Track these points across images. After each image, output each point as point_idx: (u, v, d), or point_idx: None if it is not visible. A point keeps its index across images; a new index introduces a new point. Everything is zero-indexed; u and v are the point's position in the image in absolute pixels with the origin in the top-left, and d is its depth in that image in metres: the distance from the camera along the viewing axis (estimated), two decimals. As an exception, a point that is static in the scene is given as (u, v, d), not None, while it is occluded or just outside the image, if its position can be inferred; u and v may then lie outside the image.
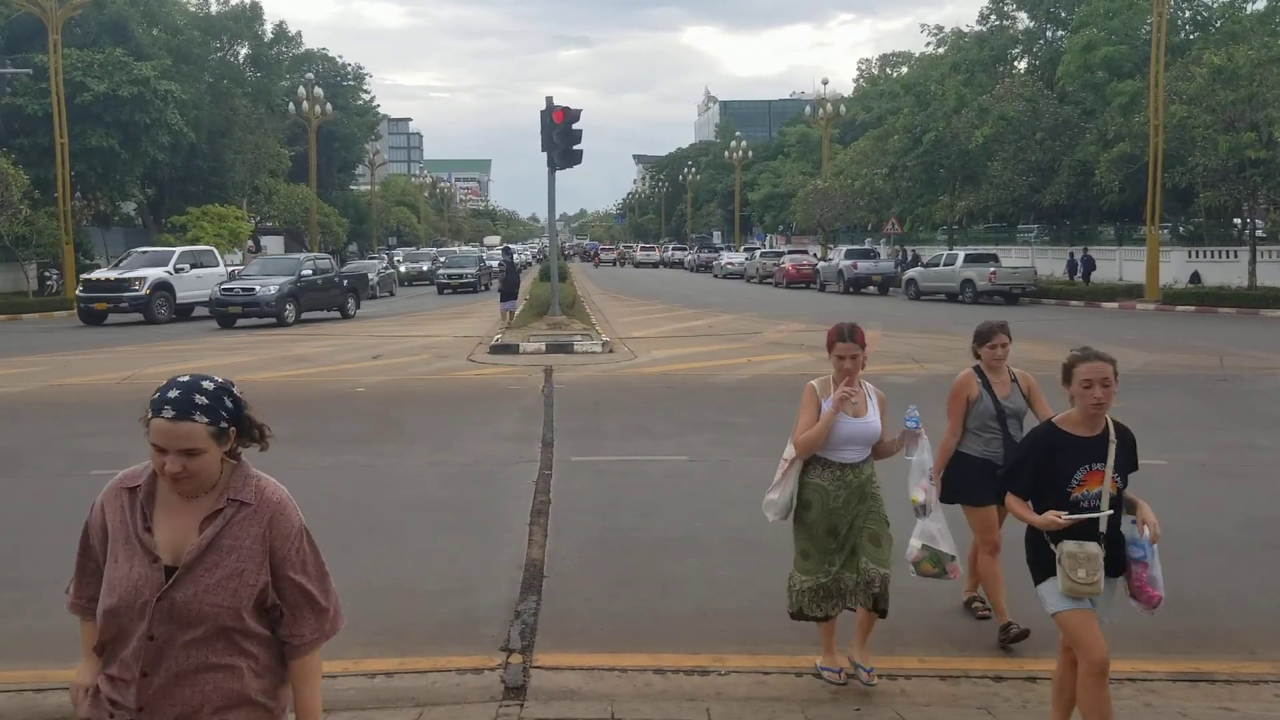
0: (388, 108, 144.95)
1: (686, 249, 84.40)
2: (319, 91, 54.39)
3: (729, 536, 7.28)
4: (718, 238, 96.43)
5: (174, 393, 2.53)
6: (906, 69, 59.89)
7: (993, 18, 48.37)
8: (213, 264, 30.29)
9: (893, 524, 4.96)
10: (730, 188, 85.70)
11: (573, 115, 22.99)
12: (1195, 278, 33.57)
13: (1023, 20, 48.47)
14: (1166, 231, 36.57)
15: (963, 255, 35.51)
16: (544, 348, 18.95)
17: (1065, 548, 3.89)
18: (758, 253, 56.57)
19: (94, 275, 28.97)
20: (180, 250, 31.16)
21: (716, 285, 49.92)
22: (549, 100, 22.99)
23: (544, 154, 23.11)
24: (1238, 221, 36.14)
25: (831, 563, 4.83)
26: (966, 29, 50.46)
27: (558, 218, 27.55)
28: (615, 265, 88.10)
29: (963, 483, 5.45)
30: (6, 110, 36.84)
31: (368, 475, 9.28)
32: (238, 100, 47.81)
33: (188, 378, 2.57)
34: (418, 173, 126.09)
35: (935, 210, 48.96)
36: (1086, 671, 3.99)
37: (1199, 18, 41.49)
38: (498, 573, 6.47)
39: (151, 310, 27.66)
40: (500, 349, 19.10)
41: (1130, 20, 38.94)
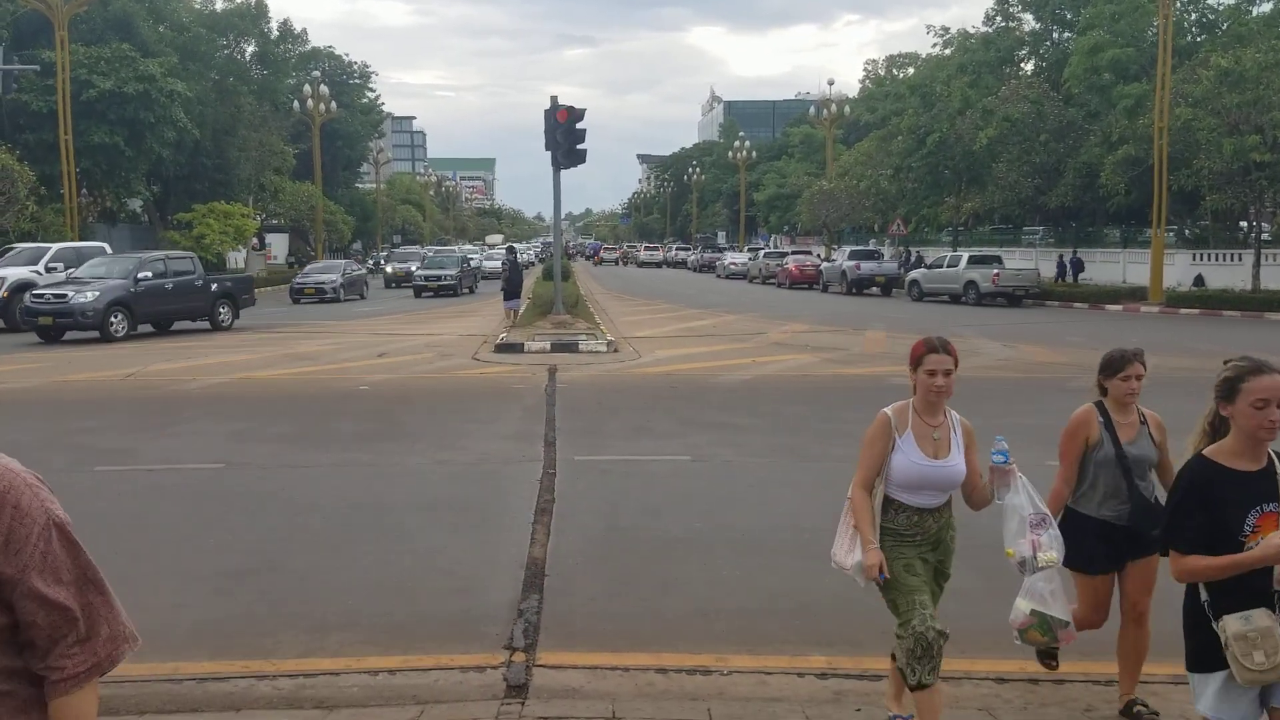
0: (393, 106, 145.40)
1: (690, 249, 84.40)
2: (324, 89, 54.53)
3: (731, 537, 7.29)
4: (723, 238, 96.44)
5: None
6: (912, 70, 59.79)
7: (998, 19, 48.27)
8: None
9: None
10: (735, 188, 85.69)
11: (577, 114, 23.01)
12: (1199, 281, 33.54)
13: (1028, 22, 48.39)
14: (1171, 234, 36.54)
15: (966, 257, 35.48)
16: (548, 347, 18.97)
17: (1230, 627, 3.09)
18: (761, 253, 56.54)
19: None
20: (57, 247, 26.54)
21: (720, 285, 49.92)
22: (553, 99, 23.01)
23: (548, 153, 23.14)
24: (1243, 225, 36.10)
25: (923, 603, 4.06)
26: (972, 30, 50.36)
27: (563, 217, 27.56)
28: (617, 265, 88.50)
29: (1072, 545, 4.42)
30: (12, 106, 36.92)
31: (371, 473, 9.29)
32: (243, 98, 47.86)
33: None
34: (422, 171, 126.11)
35: (940, 211, 48.92)
36: None
37: (1205, 20, 41.39)
38: (500, 571, 6.49)
39: (10, 315, 23.11)
40: (505, 348, 19.11)
41: (1137, 23, 38.85)
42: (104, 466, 9.61)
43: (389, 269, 47.91)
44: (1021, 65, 48.72)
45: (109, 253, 26.54)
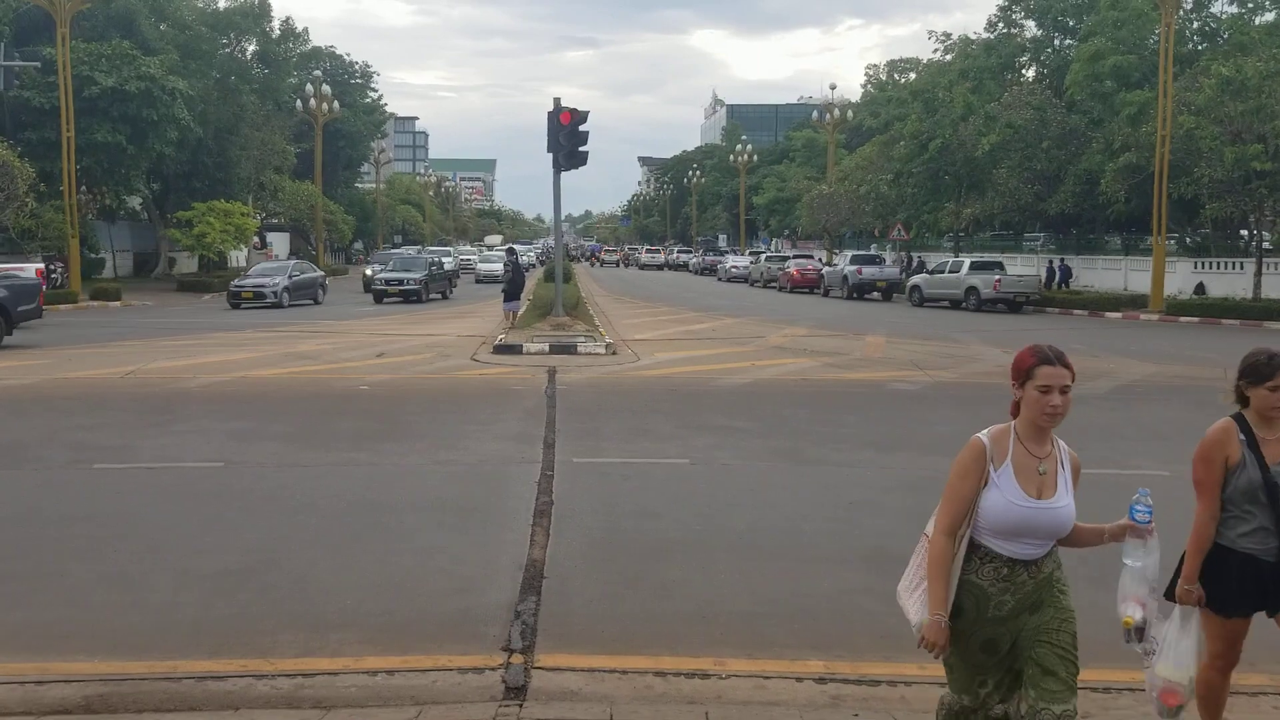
0: (395, 106, 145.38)
1: (691, 252, 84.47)
2: (326, 89, 54.58)
3: (730, 540, 7.29)
4: (723, 241, 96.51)
5: None
6: (914, 75, 59.86)
7: (1001, 25, 48.34)
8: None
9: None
10: (736, 191, 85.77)
11: (579, 117, 23.01)
12: (1200, 289, 33.57)
13: (1031, 28, 48.45)
14: (1172, 242, 36.58)
15: (968, 263, 35.51)
16: (547, 348, 18.98)
17: None
18: (762, 257, 56.58)
19: None
20: None
21: (720, 288, 49.92)
22: (556, 101, 23.02)
23: (549, 154, 23.14)
24: (1244, 233, 36.13)
25: (982, 683, 3.51)
26: (975, 36, 50.46)
27: (563, 218, 27.59)
28: (617, 266, 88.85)
29: (1209, 582, 3.93)
30: (13, 103, 36.92)
31: (370, 473, 9.28)
32: (245, 96, 47.88)
33: None
34: (423, 171, 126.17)
35: (941, 217, 48.93)
36: None
37: (1207, 29, 41.43)
38: (499, 572, 6.48)
39: None
40: (504, 349, 19.11)
41: (1139, 30, 38.89)
42: (103, 464, 9.60)
43: (368, 271, 42.54)
44: (1023, 72, 48.79)
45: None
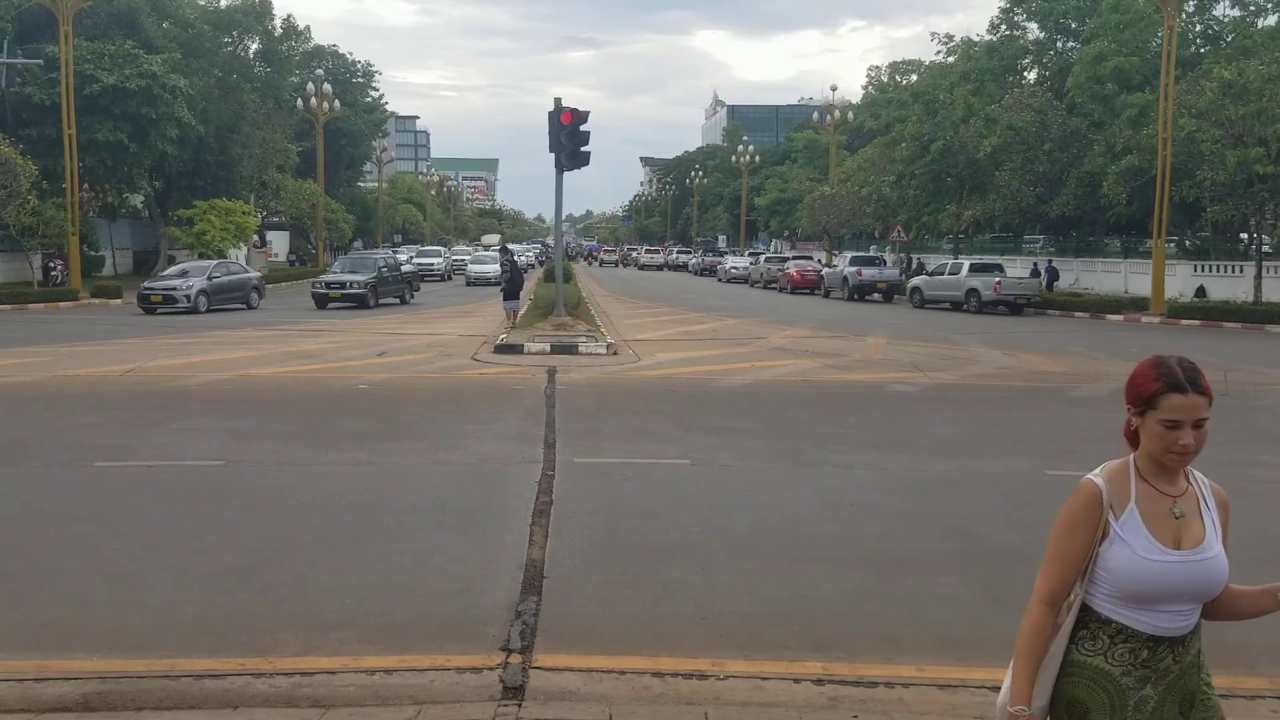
0: (396, 105, 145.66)
1: (691, 252, 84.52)
2: (328, 88, 54.58)
3: (730, 541, 7.29)
4: (723, 242, 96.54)
5: None
6: (916, 77, 59.82)
7: (1003, 27, 48.31)
8: None
9: None
10: (737, 192, 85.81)
11: (581, 117, 23.01)
12: (1201, 292, 33.57)
13: (1033, 31, 48.42)
14: (1173, 245, 36.58)
15: (968, 265, 35.50)
16: (548, 348, 18.98)
17: None
18: (762, 258, 56.58)
19: None
20: None
21: (720, 289, 49.93)
22: (557, 101, 23.02)
23: (551, 154, 23.14)
24: (1244, 236, 36.13)
25: None
26: (977, 38, 50.41)
27: (564, 218, 27.56)
28: (616, 266, 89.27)
29: None
30: (15, 100, 36.95)
31: (369, 473, 9.29)
32: (247, 95, 47.90)
33: None
34: (425, 171, 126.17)
35: (942, 219, 48.94)
36: None
37: (1210, 32, 41.43)
38: (498, 572, 6.48)
39: None
40: (505, 349, 19.12)
41: (1141, 33, 38.88)
42: (104, 462, 9.61)
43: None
44: (1025, 74, 48.76)
45: None
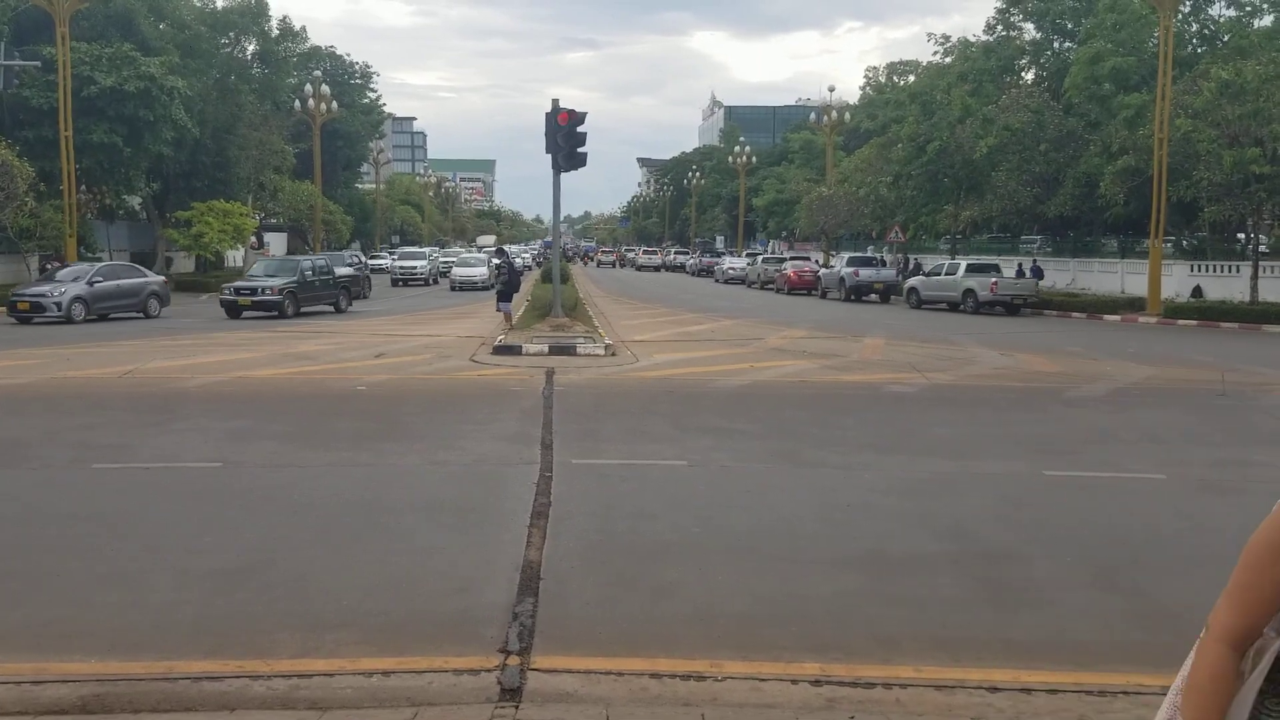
0: (395, 106, 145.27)
1: (688, 253, 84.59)
2: (325, 89, 54.52)
3: (727, 542, 7.29)
4: (721, 242, 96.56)
5: None
6: (913, 78, 59.87)
7: (999, 28, 48.32)
8: None
9: None
10: (734, 193, 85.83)
11: (578, 118, 23.01)
12: (1197, 292, 33.60)
13: (1029, 31, 48.43)
14: (1170, 245, 36.57)
15: (964, 265, 35.53)
16: (547, 349, 18.97)
17: None
18: (760, 258, 56.58)
19: None
20: None
21: (718, 290, 49.94)
22: (555, 102, 23.02)
23: (548, 155, 23.14)
24: (1241, 236, 36.16)
25: None
26: (973, 39, 50.42)
27: (562, 219, 27.55)
28: (613, 267, 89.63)
29: None
30: (12, 102, 36.91)
31: (367, 474, 9.29)
32: (244, 96, 47.86)
33: None
34: (422, 172, 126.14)
35: (939, 219, 48.96)
36: None
37: (1206, 32, 41.46)
38: (496, 574, 6.48)
39: None
40: (503, 350, 19.11)
41: (1137, 33, 38.90)
42: (102, 463, 9.61)
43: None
44: (1022, 74, 48.77)
45: None
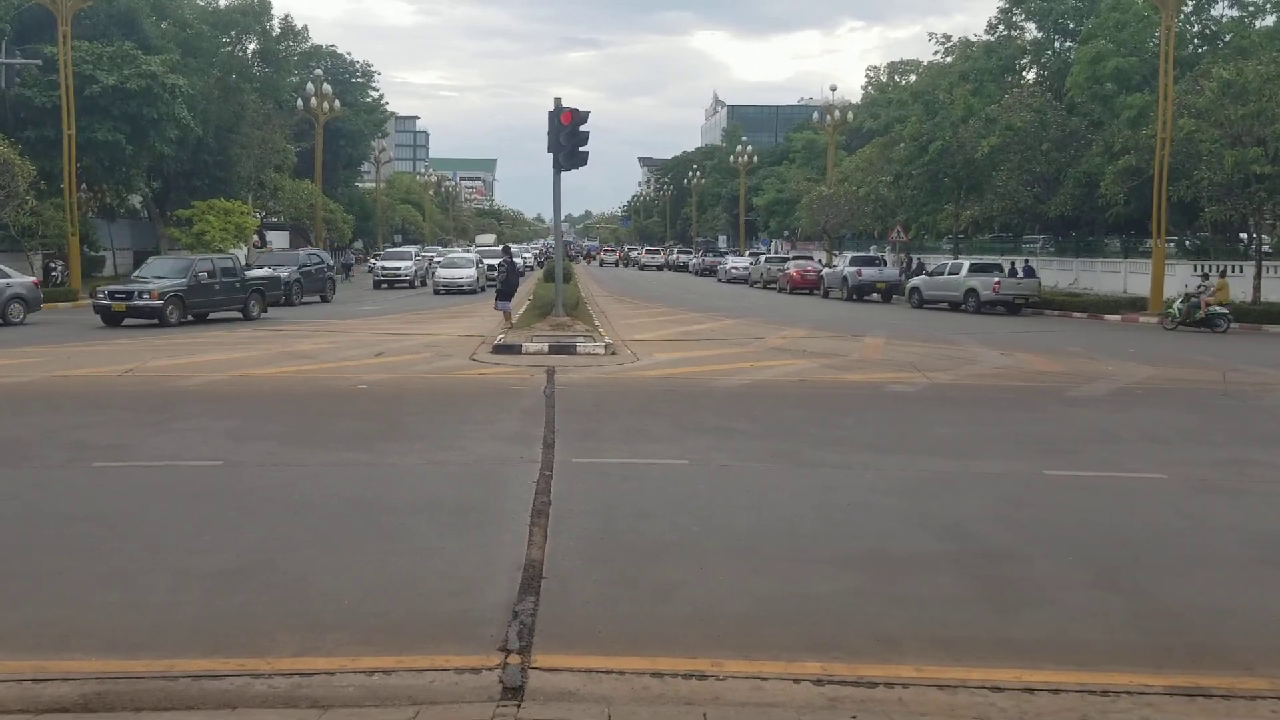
0: (396, 105, 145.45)
1: (690, 252, 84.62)
2: (327, 88, 54.53)
3: (728, 541, 7.28)
4: (723, 242, 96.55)
5: None
6: (915, 77, 59.82)
7: (1001, 28, 48.30)
8: None
9: None
10: (736, 192, 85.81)
11: (580, 117, 22.97)
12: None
13: (1031, 31, 48.40)
14: (1172, 245, 36.53)
15: (967, 265, 35.49)
16: (547, 348, 18.95)
17: None
18: (762, 258, 56.57)
19: None
20: None
21: (720, 289, 49.93)
22: (557, 102, 22.98)
23: (550, 155, 23.11)
24: (1243, 236, 36.11)
25: None
26: (975, 38, 50.41)
27: (563, 218, 27.53)
28: (616, 266, 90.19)
29: None
30: (14, 101, 36.91)
31: (368, 473, 9.28)
32: (246, 95, 47.87)
33: None
34: (423, 171, 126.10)
35: (941, 219, 48.92)
36: None
37: (1208, 32, 41.42)
38: (497, 573, 6.48)
39: None
40: (503, 349, 19.09)
41: (1139, 33, 38.85)
42: (102, 462, 9.60)
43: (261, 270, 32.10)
44: (1024, 74, 48.75)
45: None
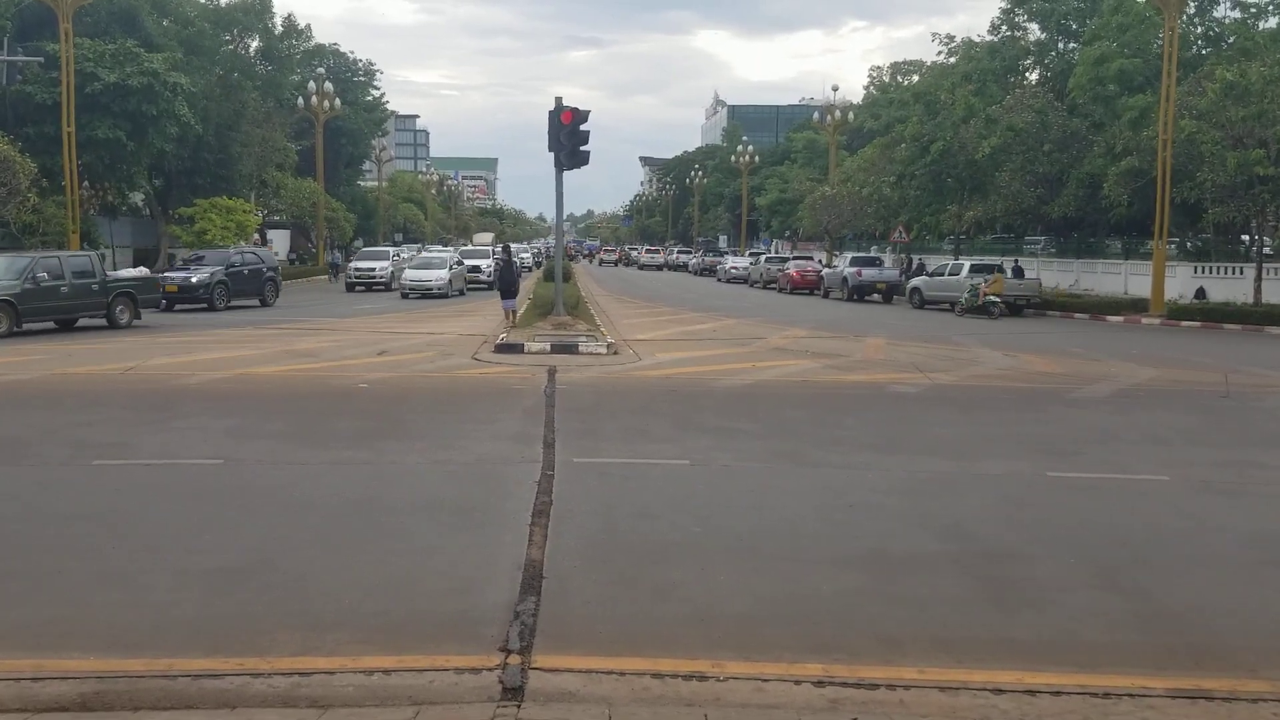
0: (398, 104, 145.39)
1: (691, 252, 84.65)
2: (329, 86, 54.55)
3: (729, 541, 7.27)
4: (724, 242, 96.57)
5: None
6: (917, 77, 59.78)
7: (1004, 28, 48.27)
8: None
9: None
10: (737, 192, 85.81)
11: (581, 116, 22.98)
12: (1201, 293, 33.54)
13: (1034, 32, 48.37)
14: (1174, 246, 36.51)
15: (968, 265, 35.47)
16: (548, 348, 18.94)
17: None
18: (762, 258, 56.53)
19: None
20: None
21: (720, 289, 49.91)
22: (558, 101, 22.99)
23: (551, 154, 23.11)
24: (1245, 238, 36.08)
25: None
26: (978, 39, 50.36)
27: (565, 218, 27.50)
28: (616, 266, 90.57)
29: None
30: (15, 99, 36.91)
31: (369, 472, 9.27)
32: (247, 93, 47.86)
33: None
34: (424, 170, 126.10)
35: (942, 220, 48.90)
36: None
37: (1211, 33, 41.39)
38: (497, 572, 6.47)
39: None
40: (505, 348, 19.09)
41: (1142, 34, 38.83)
42: (102, 460, 9.59)
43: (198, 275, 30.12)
44: (1026, 75, 48.72)
45: None
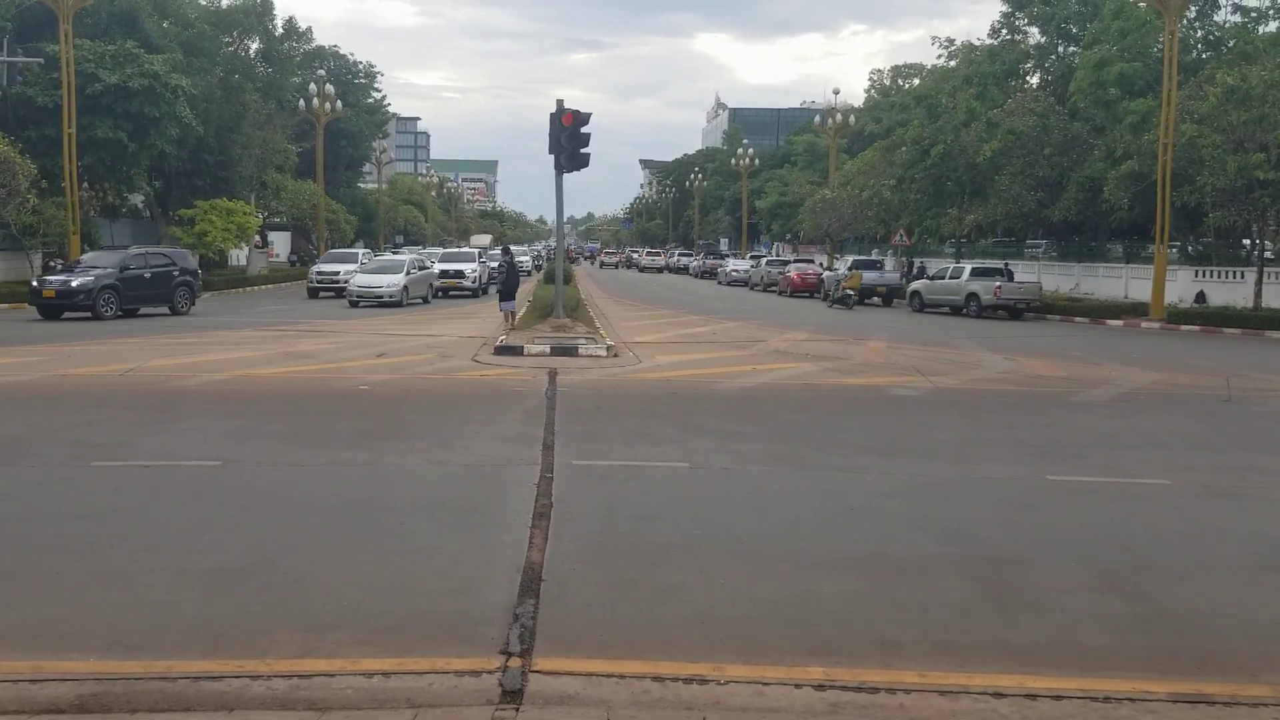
0: (398, 106, 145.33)
1: (691, 255, 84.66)
2: (329, 88, 54.57)
3: (729, 544, 7.26)
4: (725, 245, 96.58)
5: None
6: (917, 81, 59.84)
7: (1004, 32, 48.29)
8: None
9: None
10: (737, 194, 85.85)
11: (582, 118, 22.98)
12: (1201, 297, 33.54)
13: (1034, 35, 48.40)
14: (1174, 250, 36.51)
15: (969, 269, 35.49)
16: (548, 350, 18.93)
17: None
18: (763, 261, 56.56)
19: None
20: None
21: (720, 292, 49.91)
22: (559, 103, 22.99)
23: (551, 156, 23.11)
24: (1246, 242, 36.08)
25: None
26: (978, 43, 50.41)
27: (565, 220, 27.50)
28: (616, 268, 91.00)
29: None
30: (16, 100, 36.90)
31: (368, 473, 9.26)
32: (248, 95, 47.88)
33: None
34: (424, 172, 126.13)
35: (943, 223, 48.91)
36: None
37: (1212, 37, 41.41)
38: (497, 575, 6.45)
39: None
40: (505, 350, 19.07)
41: (1143, 38, 38.85)
42: (101, 461, 9.58)
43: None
44: (1027, 78, 48.74)
45: None
